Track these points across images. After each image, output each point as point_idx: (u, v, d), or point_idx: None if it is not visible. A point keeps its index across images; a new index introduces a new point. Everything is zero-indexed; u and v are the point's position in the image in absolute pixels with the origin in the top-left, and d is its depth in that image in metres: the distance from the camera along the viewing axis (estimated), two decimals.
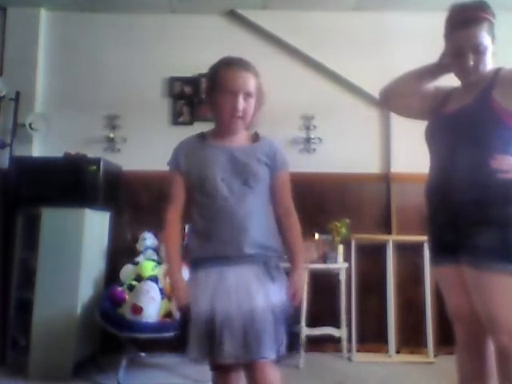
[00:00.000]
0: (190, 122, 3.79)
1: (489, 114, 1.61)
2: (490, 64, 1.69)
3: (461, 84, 1.79)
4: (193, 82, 3.84)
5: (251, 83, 1.62)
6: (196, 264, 1.61)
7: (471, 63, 1.65)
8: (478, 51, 1.64)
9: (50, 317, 2.98)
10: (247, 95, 1.61)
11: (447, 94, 1.83)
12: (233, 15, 3.88)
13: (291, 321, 1.60)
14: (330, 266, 3.39)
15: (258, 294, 1.51)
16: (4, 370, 3.13)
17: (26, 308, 3.13)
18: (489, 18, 1.66)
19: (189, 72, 3.81)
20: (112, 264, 3.40)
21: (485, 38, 1.63)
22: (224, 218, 1.56)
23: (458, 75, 1.74)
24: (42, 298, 3.02)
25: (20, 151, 3.60)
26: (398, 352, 3.49)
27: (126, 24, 3.91)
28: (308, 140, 3.73)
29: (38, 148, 3.75)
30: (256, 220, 1.57)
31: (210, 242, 1.57)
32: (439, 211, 1.72)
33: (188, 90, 3.84)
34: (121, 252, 3.48)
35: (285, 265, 1.64)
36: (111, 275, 3.34)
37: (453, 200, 1.64)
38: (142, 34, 3.89)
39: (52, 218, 3.10)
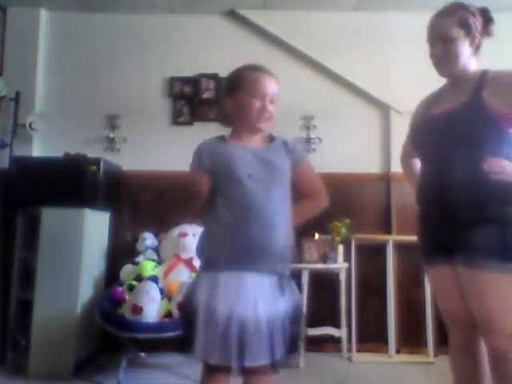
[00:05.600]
0: (190, 122, 3.78)
1: (481, 115, 1.61)
2: (467, 58, 1.69)
3: (446, 82, 1.80)
4: (193, 81, 3.84)
5: (276, 88, 1.72)
6: (215, 264, 1.59)
7: (439, 51, 1.69)
8: (445, 41, 1.68)
9: (49, 317, 2.98)
10: (273, 99, 1.69)
11: (435, 97, 1.84)
12: (233, 15, 3.88)
13: (298, 328, 1.64)
14: (330, 266, 3.39)
15: (270, 303, 1.55)
16: (4, 370, 3.13)
17: (26, 308, 3.13)
18: (462, 13, 1.68)
19: (189, 72, 3.81)
20: (112, 264, 3.40)
21: (452, 30, 1.67)
22: (253, 214, 1.57)
23: (435, 68, 1.77)
24: (42, 298, 3.02)
25: (20, 151, 3.60)
26: (398, 352, 3.49)
27: (125, 24, 3.91)
28: (308, 140, 3.73)
29: (38, 148, 3.75)
30: (282, 216, 1.63)
31: (236, 238, 1.57)
32: (434, 212, 1.71)
33: (188, 90, 3.84)
34: (121, 252, 3.49)
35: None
36: (111, 275, 3.34)
37: (448, 200, 1.63)
38: (141, 34, 3.90)
39: (52, 218, 3.10)
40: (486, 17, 1.71)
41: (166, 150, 3.64)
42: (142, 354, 3.36)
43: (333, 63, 3.78)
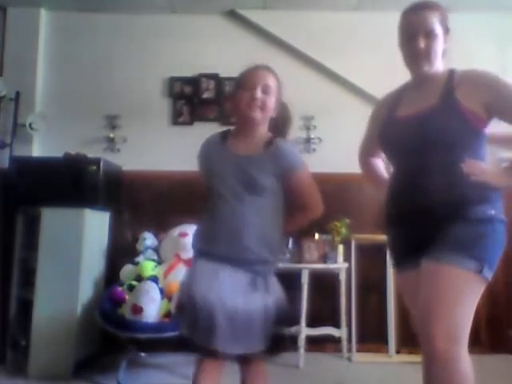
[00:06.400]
0: (190, 122, 3.78)
1: (456, 116, 1.56)
2: (440, 58, 1.66)
3: (412, 79, 1.73)
4: (193, 81, 3.84)
5: (270, 79, 1.74)
6: (197, 254, 1.72)
7: (422, 46, 1.61)
8: (429, 35, 1.61)
9: (49, 317, 2.98)
10: (265, 89, 1.70)
11: (396, 97, 1.78)
12: (233, 15, 3.88)
13: (281, 328, 1.68)
14: (330, 266, 3.39)
15: (240, 296, 1.59)
16: (4, 370, 3.13)
17: (25, 308, 3.13)
18: (441, 10, 1.65)
19: (189, 72, 3.82)
20: (112, 264, 3.40)
21: (436, 25, 1.62)
22: (225, 221, 1.65)
23: (410, 63, 1.68)
24: (42, 298, 3.02)
25: (20, 151, 3.60)
26: (397, 352, 3.49)
27: (126, 24, 3.91)
28: (308, 140, 3.74)
29: (38, 148, 3.76)
30: (255, 228, 1.64)
31: (210, 240, 1.67)
32: (409, 214, 1.64)
33: (188, 89, 3.84)
34: (121, 252, 3.49)
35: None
36: (111, 275, 3.34)
37: (426, 202, 1.58)
38: (142, 34, 3.90)
39: (52, 218, 3.10)
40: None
41: (166, 150, 3.64)
42: (142, 354, 3.36)
43: (333, 63, 3.78)
